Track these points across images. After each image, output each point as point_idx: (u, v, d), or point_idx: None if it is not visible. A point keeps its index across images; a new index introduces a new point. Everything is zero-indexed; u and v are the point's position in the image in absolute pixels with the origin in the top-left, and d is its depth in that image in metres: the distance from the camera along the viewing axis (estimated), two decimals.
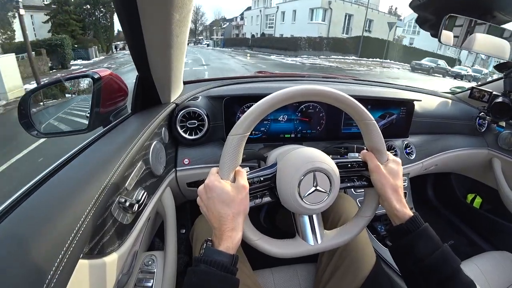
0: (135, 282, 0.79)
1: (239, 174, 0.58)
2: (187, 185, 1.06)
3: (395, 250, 0.66)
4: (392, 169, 0.65)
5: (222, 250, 0.51)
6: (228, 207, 0.54)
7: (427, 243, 0.59)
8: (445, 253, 0.58)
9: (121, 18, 0.64)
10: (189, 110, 0.99)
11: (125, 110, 0.99)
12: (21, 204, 0.46)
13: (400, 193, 0.65)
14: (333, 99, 0.61)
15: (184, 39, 0.75)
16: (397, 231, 0.63)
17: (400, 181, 0.66)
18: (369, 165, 0.67)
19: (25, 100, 0.84)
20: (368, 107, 1.14)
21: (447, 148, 1.39)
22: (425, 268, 0.57)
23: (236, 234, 0.54)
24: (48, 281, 0.35)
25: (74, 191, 0.49)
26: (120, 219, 0.58)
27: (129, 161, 0.63)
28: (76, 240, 0.41)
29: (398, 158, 0.69)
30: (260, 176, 0.64)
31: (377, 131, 0.64)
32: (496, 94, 1.33)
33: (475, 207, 1.70)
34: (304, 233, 0.70)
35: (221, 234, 0.53)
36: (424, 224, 0.61)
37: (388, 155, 0.68)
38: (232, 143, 0.57)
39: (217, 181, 0.56)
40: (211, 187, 0.55)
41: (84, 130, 0.88)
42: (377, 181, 0.66)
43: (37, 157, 4.05)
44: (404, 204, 0.64)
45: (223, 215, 0.54)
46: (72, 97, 1.04)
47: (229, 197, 0.54)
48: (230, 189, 0.55)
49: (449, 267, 0.56)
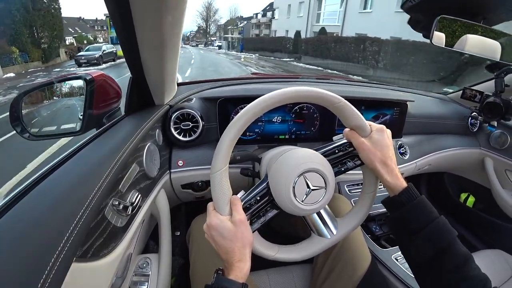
0: (129, 285, 0.78)
1: (234, 207, 0.60)
2: (182, 187, 1.06)
3: (391, 223, 0.65)
4: (376, 140, 0.63)
5: (232, 278, 0.54)
6: (231, 242, 0.56)
7: (421, 216, 0.58)
8: (440, 225, 0.57)
9: (114, 19, 0.64)
10: (183, 112, 0.99)
11: (119, 112, 0.99)
12: (13, 207, 0.45)
13: (390, 163, 0.62)
14: (298, 97, 0.60)
15: (177, 40, 0.75)
16: (391, 203, 0.63)
17: (388, 150, 0.63)
18: (354, 144, 0.66)
19: (17, 102, 0.83)
20: (362, 108, 1.15)
21: (440, 148, 1.41)
22: (420, 241, 0.57)
23: (244, 264, 0.56)
24: (41, 285, 0.34)
25: (67, 194, 0.49)
26: (114, 221, 0.58)
27: (123, 163, 0.62)
28: (69, 243, 0.40)
29: (381, 125, 0.66)
30: (255, 195, 0.65)
31: (349, 108, 0.63)
32: (487, 94, 1.35)
33: (468, 206, 1.72)
34: (319, 229, 0.71)
35: (230, 265, 0.56)
36: (419, 196, 0.60)
37: (371, 125, 0.66)
38: (216, 179, 0.59)
39: (216, 220, 0.58)
40: (212, 227, 0.58)
41: (77, 132, 0.87)
42: (365, 158, 0.65)
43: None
44: (396, 175, 0.62)
45: (228, 249, 0.56)
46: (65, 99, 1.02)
47: (230, 234, 0.57)
48: (228, 226, 0.57)
49: (445, 239, 0.56)
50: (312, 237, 0.71)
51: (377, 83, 1.51)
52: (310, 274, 0.91)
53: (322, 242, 0.70)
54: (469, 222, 1.69)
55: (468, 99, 1.45)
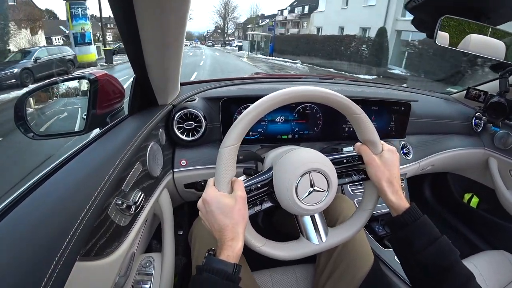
0: (132, 284, 0.79)
1: (236, 184, 0.59)
2: (185, 186, 1.06)
3: (394, 243, 0.66)
4: (386, 159, 0.65)
5: (223, 259, 0.52)
6: (226, 217, 0.55)
7: (424, 235, 0.59)
8: (442, 245, 0.58)
9: (118, 18, 0.64)
10: (186, 112, 0.99)
11: (122, 112, 0.99)
12: (18, 206, 0.45)
13: (396, 183, 0.64)
14: (322, 98, 0.61)
15: (181, 40, 0.75)
16: (394, 223, 0.63)
17: (396, 170, 0.65)
18: (364, 158, 0.67)
19: (21, 102, 0.83)
20: (365, 108, 1.14)
21: (444, 148, 1.40)
22: (423, 261, 0.57)
23: (237, 243, 0.55)
24: (44, 284, 0.35)
25: (71, 193, 0.49)
26: (117, 221, 0.58)
27: (126, 163, 0.62)
28: (73, 242, 0.41)
29: (393, 147, 0.68)
30: (257, 182, 0.65)
31: (368, 123, 0.64)
32: (491, 94, 1.34)
33: (472, 206, 1.71)
34: (308, 233, 0.70)
35: (222, 244, 0.54)
36: (421, 216, 0.61)
37: (383, 144, 0.68)
38: (224, 155, 0.58)
39: (214, 194, 0.57)
40: (208, 200, 0.57)
41: (81, 131, 0.88)
42: (372, 174, 0.66)
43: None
44: (400, 196, 0.63)
45: (222, 226, 0.55)
46: (69, 98, 1.03)
47: (227, 208, 0.55)
48: (227, 200, 0.56)
49: (447, 259, 0.56)
50: (300, 240, 0.71)
51: (380, 83, 1.50)
52: (313, 274, 0.91)
53: (309, 247, 0.69)
54: (473, 223, 1.69)
55: (472, 99, 1.44)
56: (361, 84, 1.46)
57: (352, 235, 0.71)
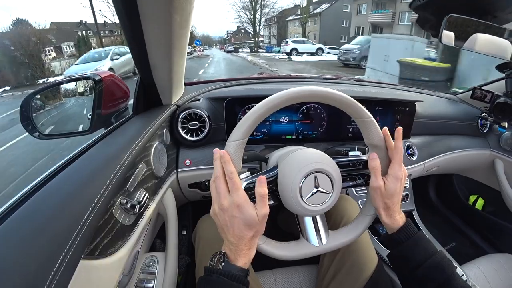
0: (136, 283, 0.79)
1: (262, 201, 0.57)
2: (189, 186, 1.07)
3: (390, 259, 0.67)
4: (390, 188, 0.63)
5: (241, 266, 0.55)
6: (249, 230, 0.56)
7: (419, 252, 0.60)
8: (438, 260, 0.59)
9: (122, 19, 0.64)
10: (191, 112, 0.99)
11: (127, 112, 1.00)
12: (23, 204, 0.46)
13: (392, 208, 0.64)
14: (331, 99, 0.61)
15: (185, 40, 0.75)
16: (389, 241, 0.65)
17: (396, 198, 0.64)
18: (371, 181, 0.65)
19: (27, 102, 0.84)
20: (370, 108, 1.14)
21: (449, 149, 1.39)
22: (419, 277, 0.58)
23: (253, 252, 0.58)
24: (49, 282, 0.35)
25: (76, 192, 0.50)
26: (122, 220, 0.58)
27: (131, 162, 0.63)
28: (77, 241, 0.41)
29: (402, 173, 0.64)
30: None
31: (375, 128, 0.64)
32: (498, 94, 1.33)
33: (477, 208, 1.69)
34: (308, 235, 0.70)
35: (238, 250, 0.56)
36: (416, 232, 0.62)
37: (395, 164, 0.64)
38: (231, 149, 0.58)
39: (244, 202, 0.55)
40: (238, 206, 0.55)
41: (85, 131, 0.88)
42: (372, 199, 0.66)
43: None
44: (394, 218, 0.64)
45: (242, 235, 0.56)
46: (74, 99, 1.04)
47: (252, 222, 0.55)
48: (254, 213, 0.55)
49: (443, 274, 0.57)
50: (300, 240, 0.70)
51: (385, 83, 1.49)
52: (316, 275, 0.91)
53: (308, 248, 0.68)
54: (478, 225, 1.67)
55: (478, 99, 1.42)
56: (365, 85, 1.45)
57: (352, 239, 0.70)
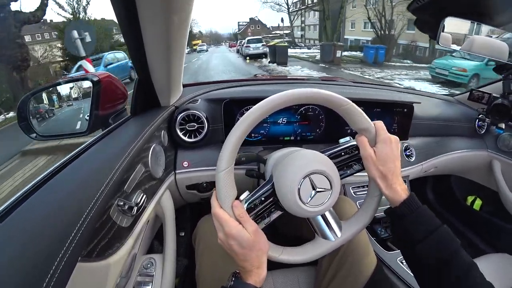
0: (133, 285, 0.79)
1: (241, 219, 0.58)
2: (187, 187, 1.06)
3: (393, 234, 0.65)
4: (380, 153, 0.63)
5: (251, 283, 0.56)
6: (251, 251, 0.57)
7: (422, 226, 0.58)
8: (442, 234, 0.56)
9: (121, 20, 0.64)
10: (189, 113, 0.99)
11: (125, 113, 0.99)
12: (20, 206, 0.46)
13: (390, 177, 0.62)
14: (306, 98, 0.60)
15: (183, 42, 0.75)
16: (392, 215, 0.63)
17: (391, 164, 0.62)
18: (361, 153, 0.65)
19: (24, 102, 0.84)
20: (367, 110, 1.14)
21: (447, 150, 1.39)
22: (423, 251, 0.56)
23: (262, 271, 0.58)
24: (46, 284, 0.35)
25: (73, 194, 0.49)
26: (119, 222, 0.58)
27: (128, 164, 0.62)
28: (75, 243, 0.41)
29: (389, 136, 0.64)
30: (260, 196, 0.64)
31: (356, 111, 0.62)
32: (495, 96, 1.33)
33: (475, 209, 1.70)
34: (323, 232, 0.70)
35: (249, 271, 0.57)
36: (419, 206, 0.59)
37: (379, 131, 0.64)
38: (222, 179, 0.58)
39: (234, 230, 0.57)
40: (230, 236, 0.57)
41: (83, 132, 0.88)
42: (367, 169, 0.65)
43: None
44: (395, 189, 0.62)
45: (247, 257, 0.57)
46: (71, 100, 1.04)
47: (249, 244, 0.57)
48: (248, 237, 0.57)
49: (448, 249, 0.55)
50: (316, 239, 0.71)
51: (383, 85, 1.50)
52: (315, 276, 0.91)
53: (326, 245, 0.69)
54: (476, 225, 1.68)
55: (475, 100, 1.43)
56: (363, 86, 1.45)
57: (365, 224, 0.70)
